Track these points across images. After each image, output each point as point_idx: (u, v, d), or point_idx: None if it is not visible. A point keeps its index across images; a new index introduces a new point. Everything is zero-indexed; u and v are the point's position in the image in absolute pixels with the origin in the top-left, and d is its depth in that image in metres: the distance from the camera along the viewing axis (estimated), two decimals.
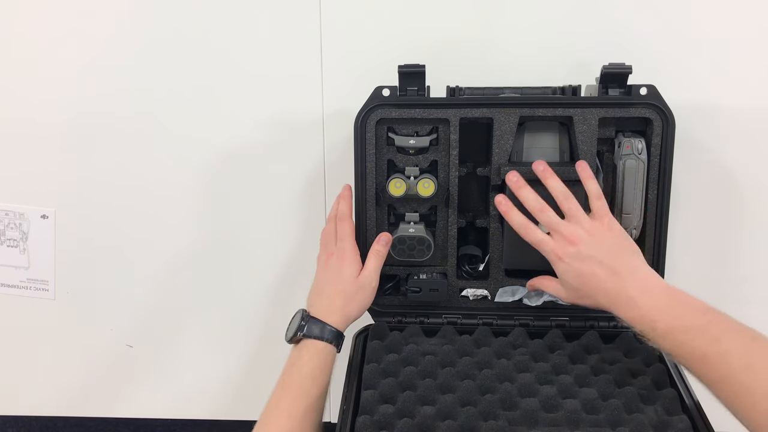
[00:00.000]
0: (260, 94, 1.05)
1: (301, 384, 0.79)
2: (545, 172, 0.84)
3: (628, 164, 0.88)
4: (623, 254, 0.79)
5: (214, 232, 1.12)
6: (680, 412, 0.79)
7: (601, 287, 0.78)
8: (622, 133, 0.91)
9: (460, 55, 1.01)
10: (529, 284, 0.91)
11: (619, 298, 0.77)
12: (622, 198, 0.90)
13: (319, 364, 0.81)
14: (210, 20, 1.03)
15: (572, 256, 0.79)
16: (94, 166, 1.10)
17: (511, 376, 0.84)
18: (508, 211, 0.86)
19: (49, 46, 1.06)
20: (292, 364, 0.81)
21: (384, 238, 0.91)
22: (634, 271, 0.78)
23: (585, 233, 0.80)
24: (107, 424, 1.41)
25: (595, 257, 0.78)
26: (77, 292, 1.17)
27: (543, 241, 0.82)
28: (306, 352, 0.81)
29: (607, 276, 0.78)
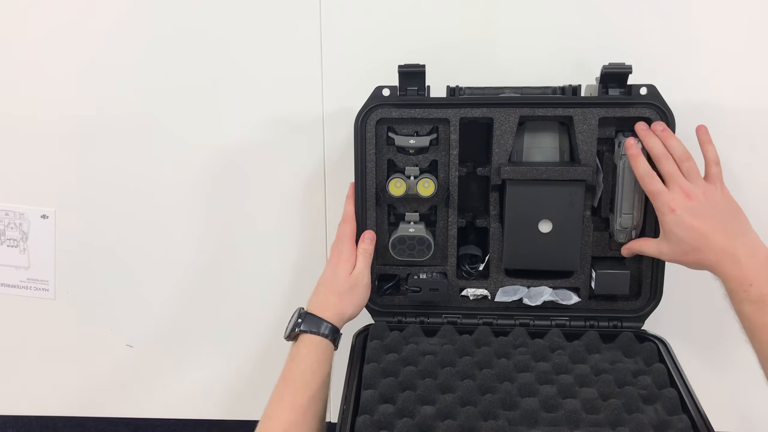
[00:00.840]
0: (260, 94, 1.05)
1: (302, 377, 0.81)
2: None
3: (628, 164, 0.88)
4: (734, 216, 0.82)
5: (214, 231, 1.12)
6: (680, 412, 0.79)
7: (709, 243, 0.80)
8: (622, 132, 0.91)
9: (460, 55, 1.01)
10: (626, 248, 0.91)
11: (725, 254, 0.79)
12: (622, 198, 0.90)
13: (318, 357, 0.83)
14: (210, 20, 1.03)
15: (686, 209, 0.81)
16: (94, 166, 1.10)
17: (511, 376, 0.84)
18: (636, 155, 0.86)
19: (50, 47, 1.06)
20: (291, 360, 0.83)
21: (368, 236, 0.93)
22: (743, 233, 0.81)
23: (701, 191, 0.82)
24: (107, 424, 1.41)
25: (708, 213, 0.81)
26: (77, 292, 1.17)
27: (661, 191, 0.83)
28: (303, 347, 0.84)
29: (717, 232, 0.80)
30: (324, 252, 1.11)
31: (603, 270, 0.93)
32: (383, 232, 0.97)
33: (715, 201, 0.82)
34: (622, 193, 0.90)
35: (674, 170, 0.84)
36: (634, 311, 0.95)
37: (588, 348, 0.90)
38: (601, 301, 0.96)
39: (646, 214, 0.92)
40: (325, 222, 1.09)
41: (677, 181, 0.83)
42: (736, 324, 0.79)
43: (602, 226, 0.95)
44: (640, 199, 0.90)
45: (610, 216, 0.94)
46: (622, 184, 0.90)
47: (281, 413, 0.78)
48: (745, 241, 0.80)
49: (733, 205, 0.84)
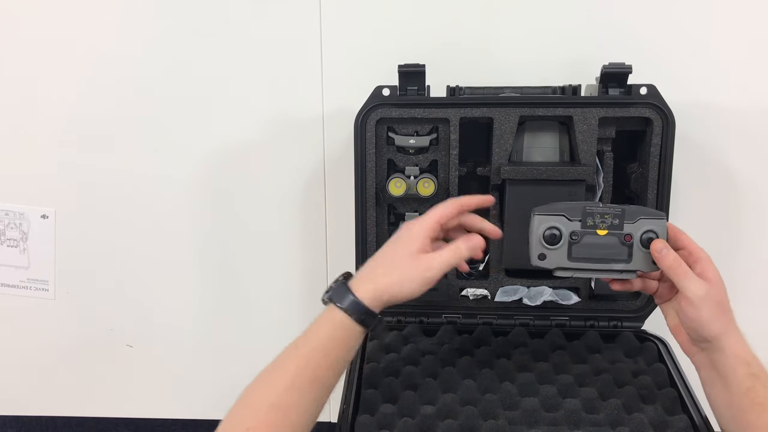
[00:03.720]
0: (260, 94, 1.05)
1: (309, 354, 0.70)
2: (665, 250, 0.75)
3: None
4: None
5: (214, 231, 1.12)
6: (680, 411, 0.79)
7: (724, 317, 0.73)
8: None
9: (460, 55, 1.01)
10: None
11: (737, 330, 0.72)
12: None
13: (334, 337, 0.71)
14: (210, 20, 1.03)
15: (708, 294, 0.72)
16: (94, 166, 1.10)
17: (511, 376, 0.84)
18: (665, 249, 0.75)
19: (50, 47, 1.06)
20: (309, 329, 0.73)
21: (474, 242, 0.76)
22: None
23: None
24: (107, 424, 1.41)
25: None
26: (77, 292, 1.17)
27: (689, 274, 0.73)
28: (323, 320, 0.72)
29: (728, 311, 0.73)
30: (324, 252, 1.11)
31: None
32: (383, 232, 0.97)
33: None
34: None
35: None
36: (634, 311, 0.95)
37: (588, 348, 0.90)
38: (601, 301, 0.96)
39: None
40: (325, 222, 1.09)
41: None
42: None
43: None
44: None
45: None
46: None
47: (279, 382, 0.69)
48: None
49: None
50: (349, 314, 0.71)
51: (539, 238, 0.77)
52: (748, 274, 1.05)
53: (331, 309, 0.72)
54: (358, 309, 0.71)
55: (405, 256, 0.73)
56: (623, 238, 0.74)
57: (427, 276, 0.72)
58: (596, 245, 0.75)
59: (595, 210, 0.75)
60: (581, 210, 0.75)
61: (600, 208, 0.75)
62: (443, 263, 0.73)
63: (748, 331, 0.74)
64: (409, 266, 0.72)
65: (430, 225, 0.75)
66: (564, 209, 0.75)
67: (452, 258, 0.74)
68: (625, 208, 0.74)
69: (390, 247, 0.75)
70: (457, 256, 0.74)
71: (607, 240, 0.74)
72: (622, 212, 0.74)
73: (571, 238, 0.75)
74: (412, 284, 0.72)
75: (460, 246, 0.75)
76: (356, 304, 0.71)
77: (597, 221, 0.75)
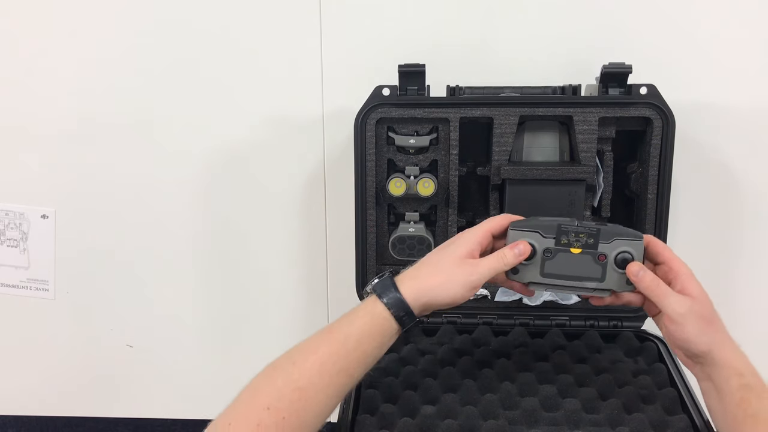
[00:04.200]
0: (260, 94, 1.05)
1: (343, 343, 0.69)
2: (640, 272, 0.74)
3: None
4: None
5: (214, 231, 1.12)
6: (680, 411, 0.79)
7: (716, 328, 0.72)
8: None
9: (460, 54, 1.01)
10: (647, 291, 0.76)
11: (729, 340, 0.72)
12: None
13: (371, 330, 0.70)
14: (210, 20, 1.03)
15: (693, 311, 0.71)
16: (93, 166, 1.10)
17: (511, 376, 0.84)
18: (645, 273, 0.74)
19: (50, 47, 1.06)
20: (345, 316, 0.72)
21: (519, 246, 0.75)
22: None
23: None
24: (107, 424, 1.41)
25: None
26: (77, 292, 1.17)
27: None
28: (363, 311, 0.71)
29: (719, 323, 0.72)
30: (324, 252, 1.11)
31: None
32: (383, 232, 0.97)
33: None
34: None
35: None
36: (634, 311, 0.94)
37: (588, 348, 0.90)
38: None
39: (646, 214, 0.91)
40: (325, 222, 1.09)
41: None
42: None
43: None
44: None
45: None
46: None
47: (310, 365, 0.67)
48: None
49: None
50: (390, 309, 0.70)
51: None
52: (748, 274, 1.05)
53: (373, 301, 0.71)
54: (399, 305, 0.70)
55: (451, 259, 0.73)
56: (597, 257, 0.74)
57: (470, 280, 0.72)
58: (569, 263, 0.75)
59: (570, 228, 0.75)
60: (556, 227, 0.75)
61: (575, 226, 0.75)
62: (488, 268, 0.73)
63: (747, 332, 0.74)
64: (453, 269, 0.72)
65: (481, 232, 0.75)
66: (539, 226, 0.76)
67: (497, 263, 0.74)
68: (601, 228, 0.75)
69: (439, 250, 0.76)
70: (502, 262, 0.74)
71: (580, 258, 0.75)
72: (597, 232, 0.74)
73: (545, 255, 0.75)
74: (455, 287, 0.72)
75: (506, 252, 0.74)
76: (399, 301, 0.70)
77: (571, 239, 0.75)
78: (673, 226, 0.94)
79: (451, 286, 0.72)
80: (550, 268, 0.75)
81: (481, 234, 0.75)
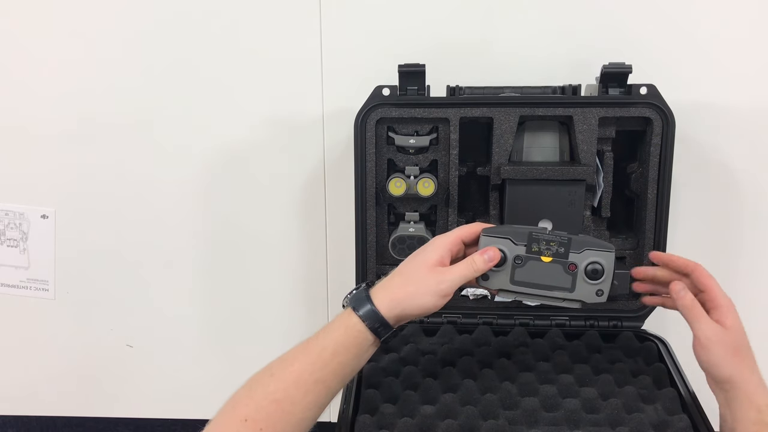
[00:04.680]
0: (260, 94, 1.05)
1: (318, 355, 0.70)
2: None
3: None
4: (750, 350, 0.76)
5: (214, 231, 1.12)
6: (680, 411, 0.79)
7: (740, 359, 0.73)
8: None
9: (460, 54, 1.01)
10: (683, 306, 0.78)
11: (755, 375, 0.73)
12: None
13: (345, 342, 0.70)
14: (210, 20, 1.03)
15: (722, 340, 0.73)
16: (93, 166, 1.10)
17: (511, 376, 0.84)
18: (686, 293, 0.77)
19: (50, 47, 1.06)
20: (322, 329, 0.72)
21: (489, 252, 0.75)
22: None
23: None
24: (107, 424, 1.41)
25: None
26: (77, 292, 1.17)
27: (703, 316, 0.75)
28: (338, 323, 0.72)
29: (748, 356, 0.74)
30: (324, 252, 1.11)
31: None
32: (383, 232, 0.97)
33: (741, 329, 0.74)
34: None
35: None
36: (634, 311, 0.95)
37: (588, 348, 0.90)
38: None
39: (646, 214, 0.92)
40: (325, 222, 1.09)
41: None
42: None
43: (602, 225, 0.95)
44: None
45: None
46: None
47: (285, 377, 0.69)
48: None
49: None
50: (364, 321, 0.71)
51: None
52: (748, 274, 1.05)
53: (348, 313, 0.72)
54: (373, 317, 0.71)
55: (422, 268, 0.73)
56: (567, 266, 0.75)
57: (440, 288, 0.72)
58: (539, 271, 0.75)
59: (541, 236, 0.75)
60: (527, 235, 0.75)
61: (546, 235, 0.75)
62: (458, 275, 0.73)
63: (747, 332, 0.74)
64: (424, 278, 0.72)
65: (452, 239, 0.75)
66: (510, 233, 0.76)
67: (466, 270, 0.74)
68: (573, 238, 0.75)
69: (411, 259, 0.75)
70: (471, 268, 0.74)
71: (550, 267, 0.75)
72: (568, 241, 0.75)
73: (515, 262, 0.75)
74: (425, 296, 0.72)
75: (476, 259, 0.75)
76: (373, 313, 0.71)
77: (542, 248, 0.75)
78: (673, 226, 0.94)
79: (421, 296, 0.72)
80: (520, 276, 0.76)
81: (451, 240, 0.75)
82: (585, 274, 0.74)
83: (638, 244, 0.94)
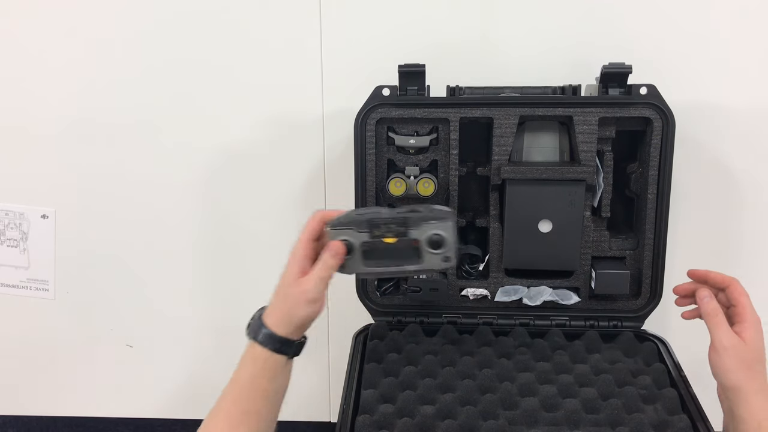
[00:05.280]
0: (261, 95, 1.05)
1: (239, 389, 0.74)
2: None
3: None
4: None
5: (214, 231, 1.12)
6: (680, 411, 0.79)
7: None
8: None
9: (460, 55, 1.01)
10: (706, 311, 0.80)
11: (763, 392, 0.73)
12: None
13: (258, 372, 0.74)
14: (210, 21, 1.03)
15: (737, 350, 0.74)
16: (94, 166, 1.10)
17: (511, 376, 0.84)
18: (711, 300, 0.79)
19: (49, 47, 1.06)
20: (237, 366, 0.77)
21: (333, 248, 0.77)
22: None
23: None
24: (107, 424, 1.41)
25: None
26: (77, 292, 1.17)
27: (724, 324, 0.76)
28: (246, 356, 0.76)
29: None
30: None
31: (603, 270, 0.93)
32: None
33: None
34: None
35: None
36: (634, 311, 0.95)
37: (588, 348, 0.90)
38: (601, 301, 0.96)
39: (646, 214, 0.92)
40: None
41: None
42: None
43: (602, 226, 0.95)
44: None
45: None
46: None
47: (215, 423, 0.74)
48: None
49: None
50: (265, 346, 0.74)
51: None
52: (748, 274, 1.05)
53: (251, 345, 0.75)
54: (272, 340, 0.74)
55: (289, 282, 0.76)
56: (411, 242, 0.77)
57: (308, 297, 0.74)
58: (387, 251, 0.78)
59: (380, 221, 0.77)
60: (367, 222, 0.78)
61: (383, 218, 0.77)
62: (318, 278, 0.75)
63: None
64: (292, 293, 0.75)
65: (302, 247, 0.78)
66: (352, 222, 0.78)
67: (322, 271, 0.76)
68: (409, 216, 0.77)
69: (281, 277, 0.78)
70: (326, 268, 0.76)
71: (396, 246, 0.77)
72: (405, 220, 0.77)
73: (363, 248, 0.78)
74: (301, 308, 0.75)
75: (325, 258, 0.76)
76: (270, 336, 0.74)
77: (383, 231, 0.77)
78: (673, 226, 0.94)
79: (297, 309, 0.75)
80: (370, 258, 0.78)
81: (302, 248, 0.77)
82: (429, 245, 0.76)
83: (638, 244, 0.94)
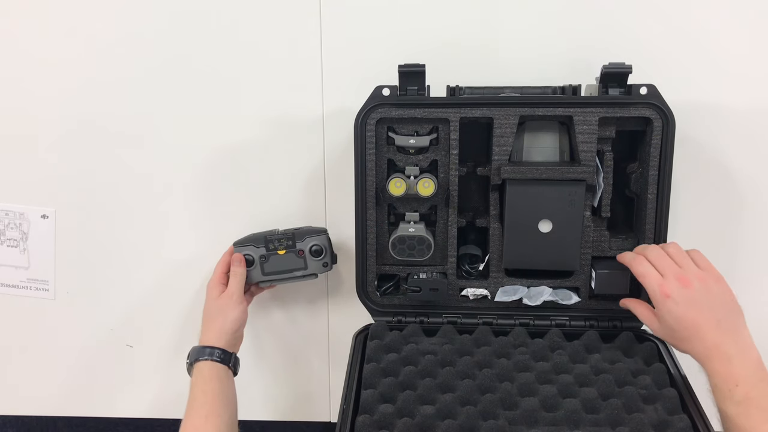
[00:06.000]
0: (260, 94, 1.05)
1: (194, 400, 0.87)
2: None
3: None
4: (729, 310, 0.77)
5: (213, 231, 1.12)
6: (680, 411, 0.79)
7: (700, 335, 0.76)
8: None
9: (460, 54, 1.01)
10: (622, 302, 0.90)
11: (715, 349, 0.75)
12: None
13: (204, 380, 0.89)
14: (210, 21, 1.03)
15: (681, 297, 0.77)
16: (94, 165, 1.10)
17: (511, 376, 0.84)
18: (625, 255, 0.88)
19: (49, 47, 1.06)
20: (189, 390, 0.89)
21: (236, 259, 0.99)
22: (736, 329, 0.76)
23: (696, 279, 0.78)
24: (107, 424, 1.41)
25: (703, 303, 0.77)
26: (77, 292, 1.17)
27: (652, 274, 0.80)
28: (195, 376, 0.90)
29: (710, 326, 0.76)
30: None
31: (603, 270, 0.93)
32: (383, 232, 0.98)
33: (710, 289, 0.77)
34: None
35: (668, 262, 0.80)
36: None
37: (588, 348, 0.90)
38: (601, 301, 0.96)
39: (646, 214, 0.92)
40: (325, 222, 1.09)
41: (671, 269, 0.79)
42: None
43: (602, 226, 0.95)
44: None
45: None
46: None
47: (184, 427, 0.84)
48: (737, 339, 0.75)
49: (728, 295, 0.78)
50: (209, 357, 0.90)
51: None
52: (748, 274, 1.05)
53: (196, 366, 0.90)
54: (213, 352, 0.91)
55: (214, 301, 0.96)
56: (297, 253, 0.99)
57: (235, 299, 0.96)
58: (280, 261, 1.00)
59: (273, 237, 1.00)
60: (263, 238, 1.00)
61: (276, 234, 1.00)
62: (235, 285, 0.97)
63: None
64: (220, 303, 0.96)
65: (218, 277, 1.00)
66: (252, 240, 1.00)
67: (234, 278, 0.98)
68: (295, 232, 1.00)
69: (206, 303, 0.98)
70: (236, 276, 0.98)
71: (286, 256, 1.00)
72: (293, 235, 0.99)
73: (261, 260, 1.00)
74: (231, 311, 0.95)
75: (234, 269, 0.99)
76: (211, 349, 0.91)
77: (276, 245, 1.00)
78: (673, 226, 0.94)
79: (229, 311, 0.95)
80: (268, 268, 1.00)
81: (218, 277, 0.99)
82: (311, 254, 0.99)
83: (638, 244, 0.94)
